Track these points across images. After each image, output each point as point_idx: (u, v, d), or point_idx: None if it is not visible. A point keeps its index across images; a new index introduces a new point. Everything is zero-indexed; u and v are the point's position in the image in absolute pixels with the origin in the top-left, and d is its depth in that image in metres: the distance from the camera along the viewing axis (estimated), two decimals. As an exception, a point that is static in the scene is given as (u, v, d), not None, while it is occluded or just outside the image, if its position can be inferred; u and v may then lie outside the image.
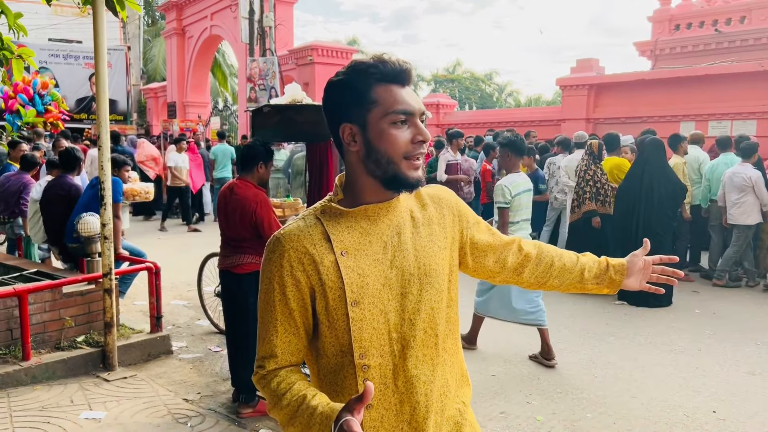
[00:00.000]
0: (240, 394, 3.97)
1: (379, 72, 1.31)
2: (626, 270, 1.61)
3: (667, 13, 15.32)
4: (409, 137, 1.31)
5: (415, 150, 1.31)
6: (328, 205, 1.37)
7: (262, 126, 4.16)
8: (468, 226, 1.50)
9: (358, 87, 1.32)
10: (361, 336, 1.29)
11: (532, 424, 3.86)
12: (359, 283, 1.29)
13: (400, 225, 1.36)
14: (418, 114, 1.32)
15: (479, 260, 1.52)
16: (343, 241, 1.32)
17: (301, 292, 1.32)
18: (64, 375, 4.42)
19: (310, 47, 17.33)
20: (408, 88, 1.34)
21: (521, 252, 1.57)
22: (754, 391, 4.38)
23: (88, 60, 22.57)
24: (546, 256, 1.60)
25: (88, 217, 4.90)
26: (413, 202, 1.43)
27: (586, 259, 1.63)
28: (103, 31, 4.31)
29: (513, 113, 17.98)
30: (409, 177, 1.31)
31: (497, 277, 1.58)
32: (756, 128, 11.22)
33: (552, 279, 1.60)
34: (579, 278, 1.60)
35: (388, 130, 1.30)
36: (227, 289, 3.98)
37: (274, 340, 1.33)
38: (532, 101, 41.62)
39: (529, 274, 1.58)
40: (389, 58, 1.33)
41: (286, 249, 1.32)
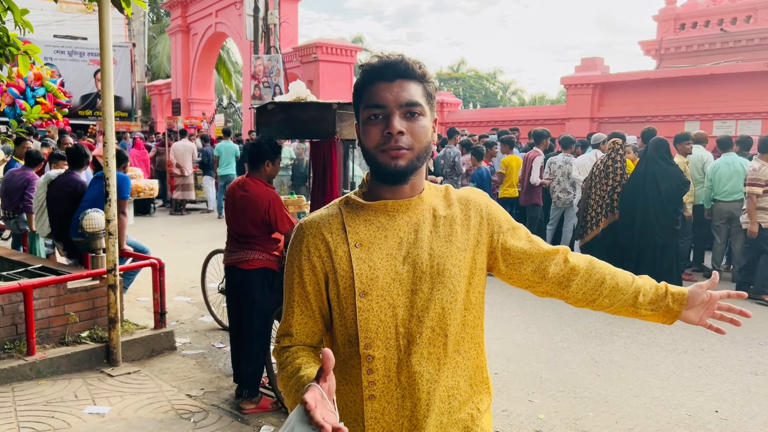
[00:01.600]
0: (243, 389, 3.98)
1: (367, 70, 1.35)
2: (686, 300, 1.49)
3: (673, 12, 15.29)
4: (381, 130, 1.31)
5: (386, 143, 1.30)
6: (350, 196, 1.42)
7: (266, 123, 4.17)
8: (500, 230, 1.45)
9: (357, 88, 1.37)
10: (368, 327, 1.32)
11: (534, 422, 3.87)
12: (369, 275, 1.32)
13: (419, 223, 1.37)
14: (393, 107, 1.30)
15: (514, 267, 1.47)
16: (358, 233, 1.35)
17: (317, 277, 1.37)
18: (69, 370, 4.45)
19: (315, 45, 17.33)
20: (399, 81, 1.32)
21: (567, 264, 1.49)
22: (756, 391, 4.38)
23: (93, 56, 22.63)
24: (597, 273, 1.50)
25: (92, 213, 4.92)
26: (439, 201, 1.43)
27: (642, 282, 1.52)
28: (108, 27, 4.32)
29: (517, 112, 17.96)
30: (386, 165, 1.31)
31: (538, 288, 1.51)
32: (761, 128, 11.20)
33: (602, 298, 1.51)
34: (632, 301, 1.50)
35: (365, 125, 1.34)
36: (233, 284, 3.99)
37: (290, 320, 1.40)
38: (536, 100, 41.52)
39: (576, 288, 1.50)
40: (378, 55, 1.36)
41: (306, 235, 1.39)
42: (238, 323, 4.01)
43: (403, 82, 1.33)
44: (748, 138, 8.41)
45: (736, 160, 7.66)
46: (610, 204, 7.07)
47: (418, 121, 1.32)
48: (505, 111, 19.64)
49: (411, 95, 1.32)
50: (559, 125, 14.26)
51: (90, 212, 4.94)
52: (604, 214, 7.12)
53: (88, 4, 4.47)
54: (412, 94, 1.32)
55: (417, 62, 1.35)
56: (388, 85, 1.32)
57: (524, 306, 6.43)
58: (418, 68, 1.34)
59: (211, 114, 20.91)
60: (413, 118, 1.32)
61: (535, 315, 6.16)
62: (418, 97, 1.33)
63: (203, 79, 22.89)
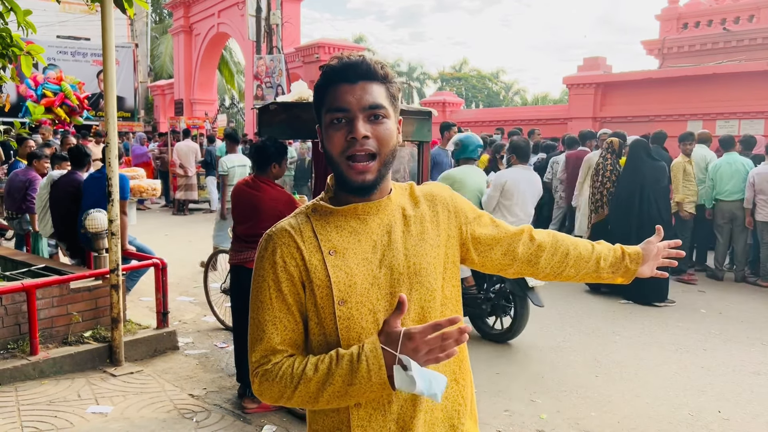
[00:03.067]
0: (246, 389, 3.99)
1: (332, 72, 1.30)
2: (641, 258, 1.59)
3: (675, 11, 15.26)
4: (344, 135, 1.27)
5: (350, 147, 1.26)
6: (318, 203, 1.37)
7: (268, 123, 4.17)
8: (467, 221, 1.46)
9: (317, 90, 1.33)
10: (349, 335, 1.28)
11: (536, 422, 3.87)
12: (347, 282, 1.28)
13: (391, 224, 1.35)
14: (357, 110, 1.26)
15: (485, 254, 1.48)
16: (330, 240, 1.31)
17: (296, 287, 1.31)
18: (72, 370, 4.46)
19: (317, 45, 17.35)
20: (363, 83, 1.28)
21: (533, 242, 1.53)
22: (758, 391, 4.37)
23: (96, 57, 22.68)
24: (561, 245, 1.55)
25: (95, 213, 4.93)
26: (406, 200, 1.41)
27: (601, 248, 1.59)
28: (111, 28, 4.33)
29: (519, 111, 17.94)
30: (350, 179, 1.28)
31: (509, 269, 1.53)
32: (763, 128, 11.17)
33: (568, 269, 1.56)
34: (595, 267, 1.57)
35: (327, 129, 1.30)
36: (239, 284, 4.00)
37: (275, 337, 1.30)
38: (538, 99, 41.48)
39: (544, 264, 1.53)
40: (338, 56, 1.32)
41: (278, 245, 1.32)
42: (244, 323, 4.01)
43: (365, 84, 1.29)
44: (751, 138, 8.41)
45: (737, 160, 7.65)
46: (600, 201, 7.08)
47: (383, 124, 1.29)
48: (507, 111, 19.61)
49: (374, 97, 1.28)
50: (562, 125, 14.24)
51: (92, 212, 4.95)
52: (595, 210, 7.14)
53: (91, 5, 4.49)
54: (375, 96, 1.28)
55: (379, 63, 1.32)
56: (351, 87, 1.28)
57: (526, 306, 6.42)
58: (381, 69, 1.31)
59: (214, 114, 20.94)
60: (377, 121, 1.28)
61: (538, 315, 6.15)
62: (381, 99, 1.29)
63: (206, 79, 22.92)
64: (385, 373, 1.18)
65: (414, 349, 1.17)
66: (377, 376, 1.18)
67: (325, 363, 1.23)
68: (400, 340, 1.17)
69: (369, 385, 1.19)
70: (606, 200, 7.00)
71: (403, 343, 1.17)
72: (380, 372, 1.18)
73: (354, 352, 1.21)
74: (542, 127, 13.24)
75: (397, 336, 1.18)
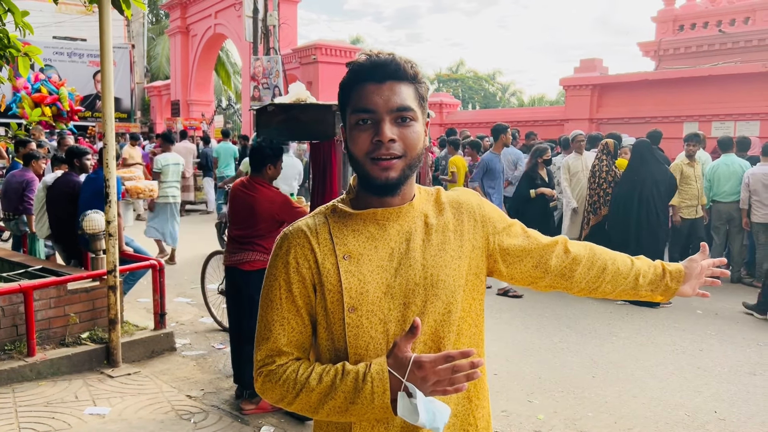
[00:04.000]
0: (243, 390, 3.99)
1: (355, 70, 1.26)
2: (683, 277, 1.50)
3: (671, 13, 15.31)
4: (370, 137, 1.22)
5: (374, 150, 1.22)
6: (337, 204, 1.32)
7: (266, 125, 4.18)
8: (496, 231, 1.38)
9: (343, 88, 1.28)
10: (357, 343, 1.24)
11: (533, 423, 3.88)
12: (358, 289, 1.24)
13: (411, 231, 1.29)
14: (384, 112, 1.21)
15: (514, 266, 1.40)
16: (346, 245, 1.26)
17: (307, 289, 1.27)
18: (69, 371, 4.45)
19: (314, 46, 17.36)
20: (390, 83, 1.23)
21: (568, 254, 1.44)
22: (754, 391, 4.39)
23: (93, 58, 22.66)
24: (598, 259, 1.46)
25: (92, 214, 4.93)
26: (431, 207, 1.34)
27: (640, 264, 1.50)
28: (108, 29, 4.33)
29: (516, 113, 17.98)
30: (376, 177, 1.23)
31: (540, 283, 1.45)
32: (759, 129, 11.22)
33: (604, 284, 1.47)
34: (633, 284, 1.48)
35: (352, 130, 1.25)
36: (233, 285, 4.00)
37: (281, 338, 1.28)
38: (535, 101, 41.55)
39: (580, 278, 1.44)
40: (367, 53, 1.26)
41: (293, 245, 1.28)
42: (239, 324, 4.02)
43: (393, 84, 1.23)
44: (746, 139, 8.44)
45: (735, 161, 7.68)
46: (597, 203, 7.10)
47: (411, 127, 1.23)
48: (504, 112, 19.65)
49: (403, 99, 1.22)
50: (558, 126, 14.28)
51: (90, 213, 4.95)
52: (593, 212, 7.17)
53: (89, 6, 4.49)
54: (403, 97, 1.23)
55: (409, 62, 1.26)
56: (378, 87, 1.22)
57: (523, 307, 6.44)
58: (410, 68, 1.25)
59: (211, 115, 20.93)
60: (405, 124, 1.23)
61: (534, 316, 6.17)
62: (410, 100, 1.23)
63: (202, 80, 22.92)
64: (388, 397, 1.15)
65: (422, 378, 1.13)
66: (380, 400, 1.16)
67: (329, 375, 1.20)
68: (408, 366, 1.14)
69: (371, 406, 1.16)
70: (603, 202, 7.02)
71: (411, 371, 1.14)
72: (384, 396, 1.15)
73: (360, 370, 1.18)
74: (539, 129, 13.26)
75: (406, 362, 1.14)
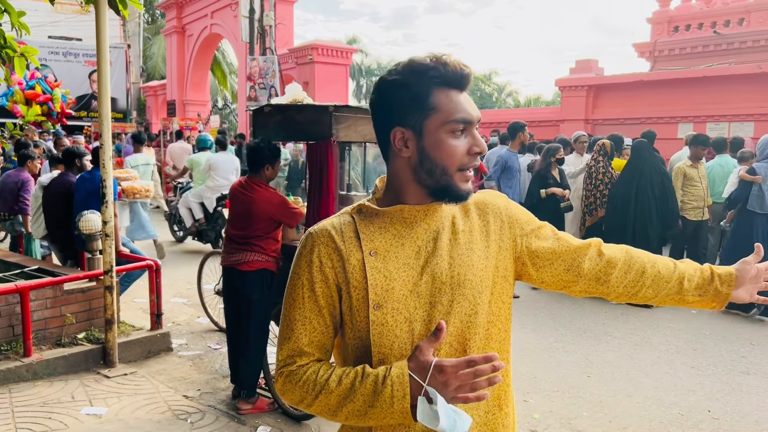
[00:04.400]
0: (240, 390, 4.00)
1: (439, 75, 1.21)
2: (735, 280, 1.41)
3: (666, 14, 15.37)
4: (466, 148, 1.23)
5: (470, 162, 1.24)
6: (364, 204, 1.31)
7: (263, 125, 4.19)
8: (523, 233, 1.35)
9: (416, 90, 1.22)
10: (381, 341, 1.22)
11: (529, 422, 3.90)
12: (384, 286, 1.22)
13: (438, 231, 1.27)
14: (476, 122, 1.24)
15: (545, 270, 1.37)
16: (373, 241, 1.25)
17: (330, 289, 1.26)
18: (65, 371, 4.46)
19: (311, 46, 17.36)
20: (465, 93, 1.25)
21: (602, 257, 1.38)
22: (747, 390, 4.43)
23: (88, 58, 22.58)
24: (636, 262, 1.40)
25: (89, 214, 4.93)
26: (457, 208, 1.32)
27: (685, 266, 1.42)
28: (105, 29, 4.33)
29: (512, 113, 18.01)
30: (461, 189, 1.24)
31: (574, 287, 1.40)
32: (753, 130, 11.27)
33: (645, 289, 1.40)
34: (677, 288, 1.40)
35: (446, 139, 1.22)
36: (230, 286, 4.01)
37: (303, 338, 1.26)
38: (531, 101, 41.61)
39: (616, 282, 1.38)
40: (450, 60, 1.23)
41: (317, 244, 1.27)
42: (236, 324, 4.03)
43: (467, 95, 1.26)
44: (740, 140, 8.49)
45: (729, 162, 7.72)
46: (594, 203, 7.13)
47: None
48: (500, 112, 19.69)
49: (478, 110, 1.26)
50: (554, 127, 14.32)
51: (86, 214, 4.94)
52: (589, 213, 7.19)
53: (85, 6, 4.49)
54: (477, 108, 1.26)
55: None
56: (465, 96, 1.24)
57: (519, 307, 6.47)
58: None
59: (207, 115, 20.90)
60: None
61: (530, 316, 6.20)
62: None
63: (198, 80, 22.88)
64: (408, 402, 1.13)
65: (444, 383, 1.12)
66: (400, 404, 1.14)
67: (349, 378, 1.19)
68: (430, 370, 1.13)
69: (390, 411, 1.15)
70: (600, 202, 7.05)
71: (432, 375, 1.13)
72: (403, 400, 1.14)
73: (380, 373, 1.16)
74: (535, 129, 13.29)
75: (427, 366, 1.13)
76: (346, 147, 4.51)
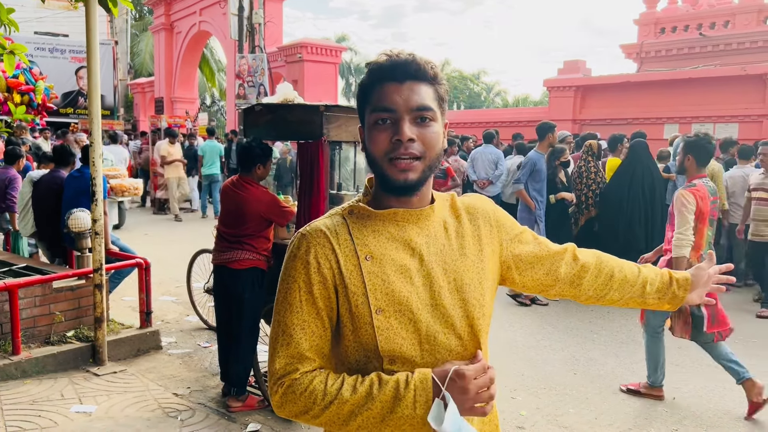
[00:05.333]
0: (230, 388, 4.02)
1: (379, 70, 1.25)
2: (690, 284, 1.50)
3: (653, 16, 15.53)
4: (389, 137, 1.22)
5: (392, 149, 1.21)
6: (356, 204, 1.30)
7: (253, 124, 4.21)
8: (509, 238, 1.39)
9: (362, 88, 1.28)
10: (390, 346, 1.22)
11: (516, 419, 3.95)
12: (383, 290, 1.22)
13: (430, 235, 1.28)
14: (403, 111, 1.21)
15: (526, 273, 1.41)
16: (367, 245, 1.25)
17: (328, 291, 1.24)
18: (54, 369, 4.45)
19: (300, 44, 17.32)
20: (410, 83, 1.23)
21: (577, 262, 1.45)
22: (730, 387, 4.50)
23: (75, 54, 22.41)
24: (606, 267, 1.47)
25: (78, 212, 4.92)
26: (447, 212, 1.34)
27: (647, 271, 1.50)
28: (95, 27, 4.33)
29: (501, 113, 18.13)
30: (392, 177, 1.23)
31: (551, 290, 1.45)
32: (738, 131, 11.43)
33: (612, 292, 1.47)
34: (640, 292, 1.49)
35: (371, 129, 1.24)
36: (221, 284, 4.03)
37: (303, 342, 1.23)
38: (519, 101, 41.82)
39: (587, 286, 1.45)
40: (387, 53, 1.26)
41: (313, 245, 1.25)
42: (227, 323, 4.05)
43: (413, 84, 1.23)
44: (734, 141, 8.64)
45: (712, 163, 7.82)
46: (584, 203, 7.18)
47: (430, 127, 1.23)
48: (488, 112, 19.80)
49: (422, 99, 1.22)
50: (542, 127, 14.40)
51: (75, 212, 4.93)
52: (580, 212, 7.24)
53: (74, 3, 4.48)
54: (423, 97, 1.23)
55: (429, 62, 1.26)
56: (398, 87, 1.22)
57: (507, 305, 6.53)
58: (431, 69, 1.25)
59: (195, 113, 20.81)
60: (424, 124, 1.23)
61: (518, 314, 6.26)
62: (429, 100, 1.23)
63: (187, 77, 22.76)
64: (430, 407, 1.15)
65: (462, 388, 1.15)
66: (422, 409, 1.14)
67: (365, 385, 1.17)
68: (449, 375, 1.16)
69: (411, 416, 1.15)
70: (591, 202, 7.10)
71: (452, 380, 1.15)
72: (426, 406, 1.14)
73: (401, 378, 1.17)
74: (523, 129, 13.36)
75: (447, 371, 1.16)
76: (337, 146, 4.54)
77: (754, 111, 11.51)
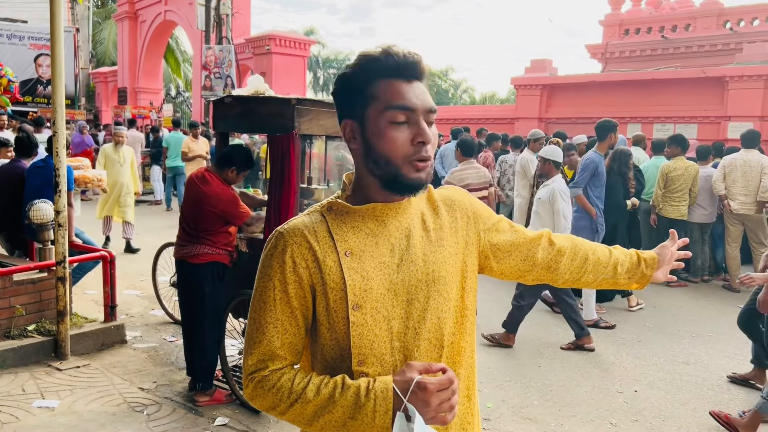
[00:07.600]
0: (197, 382, 3.98)
1: (380, 65, 1.22)
2: (656, 263, 1.56)
3: (618, 17, 15.85)
4: (409, 137, 1.20)
5: (416, 152, 1.21)
6: (334, 201, 1.30)
7: (223, 117, 4.17)
8: (486, 228, 1.40)
9: (358, 81, 1.23)
10: (361, 342, 1.21)
11: (482, 411, 4.01)
12: (362, 286, 1.22)
13: (410, 228, 1.28)
14: (422, 112, 1.21)
15: (504, 261, 1.43)
16: (347, 241, 1.24)
17: (304, 290, 1.24)
18: (15, 364, 4.34)
19: (268, 37, 17.17)
20: (416, 83, 1.23)
21: (553, 247, 1.47)
22: (687, 379, 4.67)
23: (34, 41, 21.74)
24: (580, 250, 1.51)
25: (40, 203, 4.79)
26: (425, 205, 1.34)
27: (618, 253, 1.55)
28: (59, 13, 4.23)
29: (468, 110, 18.29)
30: (410, 179, 1.22)
31: (528, 276, 1.48)
32: (697, 132, 11.77)
33: (587, 274, 1.51)
34: (612, 273, 1.53)
35: (386, 128, 1.20)
36: (182, 278, 3.99)
37: (275, 341, 1.23)
38: (486, 99, 42.18)
39: (564, 269, 1.48)
40: (394, 49, 1.23)
41: (289, 244, 1.24)
42: (190, 317, 4.01)
43: (419, 84, 1.24)
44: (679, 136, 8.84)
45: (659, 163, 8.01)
46: None
47: (433, 129, 1.25)
48: (456, 109, 19.95)
49: (431, 100, 1.24)
50: (509, 125, 14.60)
51: (37, 203, 4.81)
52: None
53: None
54: (430, 98, 1.25)
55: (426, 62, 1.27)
56: (409, 86, 1.22)
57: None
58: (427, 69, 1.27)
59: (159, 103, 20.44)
60: (430, 126, 1.24)
61: (482, 307, 6.34)
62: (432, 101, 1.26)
63: (151, 68, 22.34)
64: (390, 418, 1.13)
65: (424, 400, 1.12)
66: (381, 419, 1.13)
67: (328, 388, 1.17)
68: (411, 387, 1.13)
69: (371, 425, 1.14)
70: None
71: (414, 392, 1.12)
72: (385, 416, 1.13)
73: (362, 386, 1.15)
74: (490, 126, 13.50)
75: (409, 382, 1.13)
76: (308, 140, 4.52)
77: (712, 112, 11.86)
